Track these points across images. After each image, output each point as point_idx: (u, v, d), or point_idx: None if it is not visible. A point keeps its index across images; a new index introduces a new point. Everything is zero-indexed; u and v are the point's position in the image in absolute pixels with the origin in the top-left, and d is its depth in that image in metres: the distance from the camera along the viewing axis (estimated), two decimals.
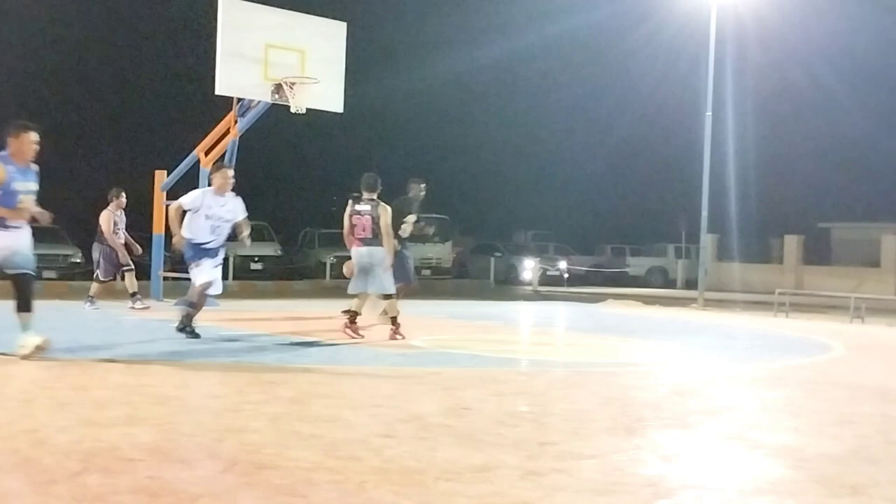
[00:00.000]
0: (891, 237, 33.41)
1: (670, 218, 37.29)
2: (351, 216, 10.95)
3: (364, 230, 10.86)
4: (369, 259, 10.86)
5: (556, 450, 5.14)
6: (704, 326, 15.63)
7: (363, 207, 10.89)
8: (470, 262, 36.37)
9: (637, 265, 39.00)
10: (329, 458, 4.72)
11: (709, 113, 23.07)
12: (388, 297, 11.08)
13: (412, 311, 14.64)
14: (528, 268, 32.64)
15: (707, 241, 25.13)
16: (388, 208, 10.95)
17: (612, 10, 36.68)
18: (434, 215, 33.54)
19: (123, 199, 15.26)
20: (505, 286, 31.36)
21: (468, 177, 46.95)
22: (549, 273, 32.85)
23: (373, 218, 10.81)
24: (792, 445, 5.53)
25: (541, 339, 13.15)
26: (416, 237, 13.24)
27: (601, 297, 23.82)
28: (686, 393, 7.61)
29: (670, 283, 36.54)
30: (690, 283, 31.54)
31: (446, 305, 19.08)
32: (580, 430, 5.79)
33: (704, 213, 23.15)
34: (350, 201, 11.05)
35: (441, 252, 32.91)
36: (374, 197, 10.88)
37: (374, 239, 10.83)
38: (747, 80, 35.90)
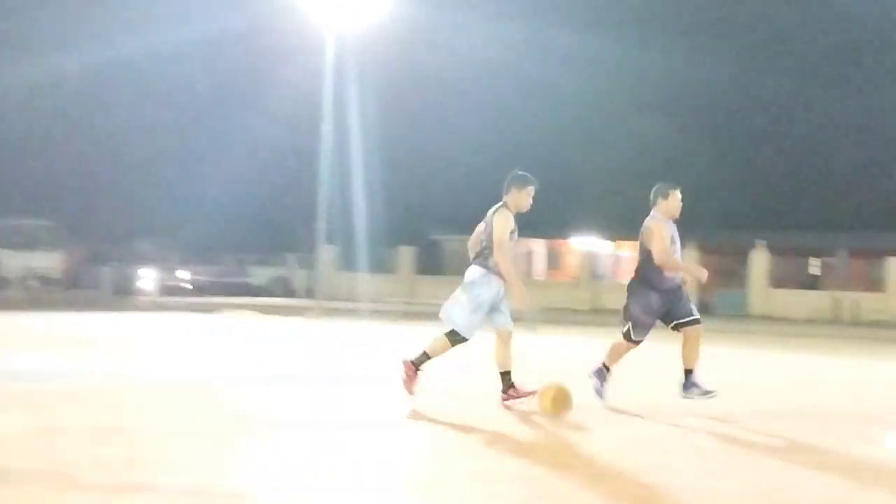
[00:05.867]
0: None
1: (293, 228, 37.86)
2: None
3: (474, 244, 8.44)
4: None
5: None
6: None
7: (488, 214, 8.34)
8: (84, 271, 34.50)
9: (259, 275, 39.10)
10: None
11: (327, 126, 23.72)
12: (452, 337, 8.37)
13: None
14: (148, 277, 31.58)
15: (324, 251, 25.80)
16: (508, 215, 8.10)
17: (225, 24, 36.73)
18: (40, 221, 31.69)
19: None
20: (125, 296, 30.08)
21: (82, 181, 44.61)
22: (169, 283, 32.01)
23: (486, 226, 8.25)
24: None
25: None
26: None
27: (221, 307, 23.58)
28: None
29: (294, 293, 37.01)
30: (312, 293, 32.14)
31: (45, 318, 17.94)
32: None
33: (321, 225, 23.80)
34: None
35: (49, 260, 31.01)
36: (504, 200, 8.24)
37: (477, 257, 8.29)
38: (367, 96, 37.34)
